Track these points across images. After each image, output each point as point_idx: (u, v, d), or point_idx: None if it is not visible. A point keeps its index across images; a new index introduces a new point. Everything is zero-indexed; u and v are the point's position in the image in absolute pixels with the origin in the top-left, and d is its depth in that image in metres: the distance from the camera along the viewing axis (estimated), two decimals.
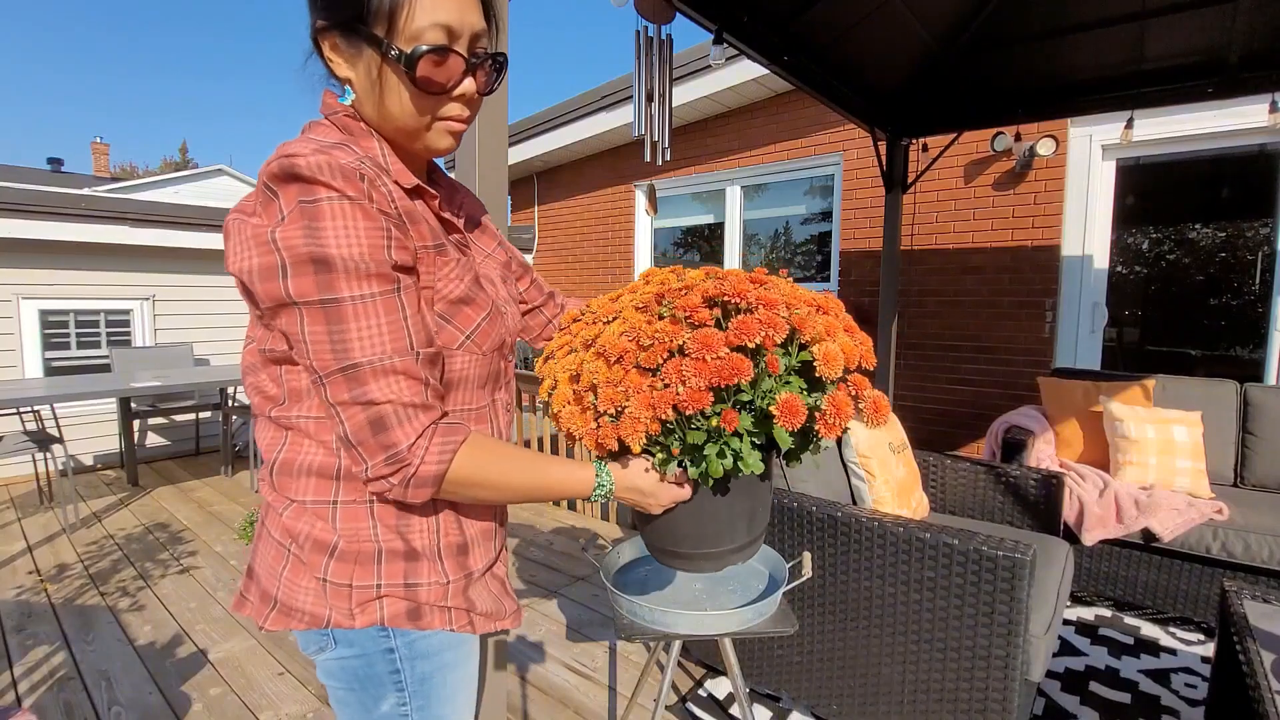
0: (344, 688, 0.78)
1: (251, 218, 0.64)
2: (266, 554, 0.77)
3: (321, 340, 0.63)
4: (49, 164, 21.63)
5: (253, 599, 0.78)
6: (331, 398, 0.65)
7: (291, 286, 0.62)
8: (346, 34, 0.68)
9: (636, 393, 0.71)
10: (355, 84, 0.71)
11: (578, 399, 0.77)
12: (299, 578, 0.74)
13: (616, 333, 0.76)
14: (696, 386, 0.69)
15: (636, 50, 2.24)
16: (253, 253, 0.63)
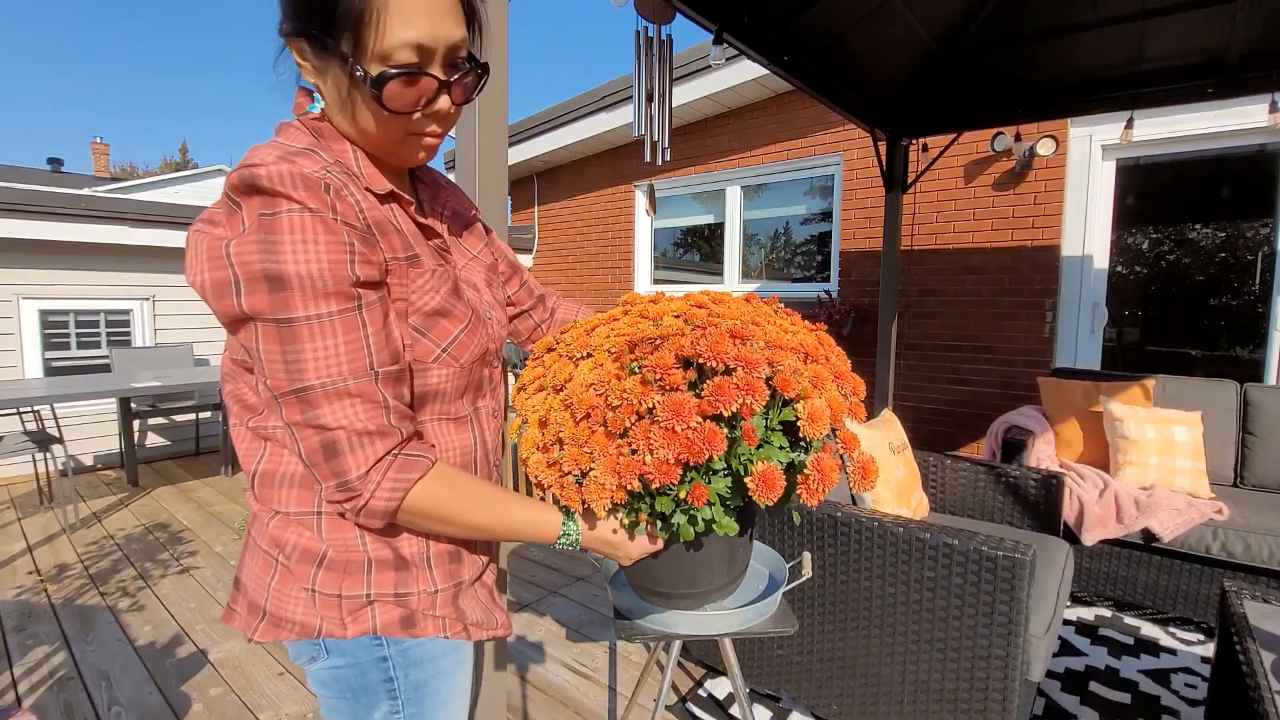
0: (336, 697, 0.77)
1: (215, 228, 0.62)
2: (254, 564, 0.75)
3: (275, 360, 0.61)
4: (49, 164, 21.63)
5: (240, 610, 0.76)
6: (285, 418, 0.63)
7: (245, 304, 0.59)
8: (314, 44, 0.65)
9: (603, 455, 0.67)
10: (324, 93, 0.68)
11: (545, 449, 0.73)
12: (288, 587, 0.72)
13: (585, 382, 0.71)
14: (664, 459, 0.64)
15: (636, 50, 2.24)
16: (206, 267, 0.60)
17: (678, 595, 0.91)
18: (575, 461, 0.69)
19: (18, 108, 76.21)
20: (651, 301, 0.83)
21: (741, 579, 1.00)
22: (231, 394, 0.74)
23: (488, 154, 1.29)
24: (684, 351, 0.68)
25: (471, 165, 1.28)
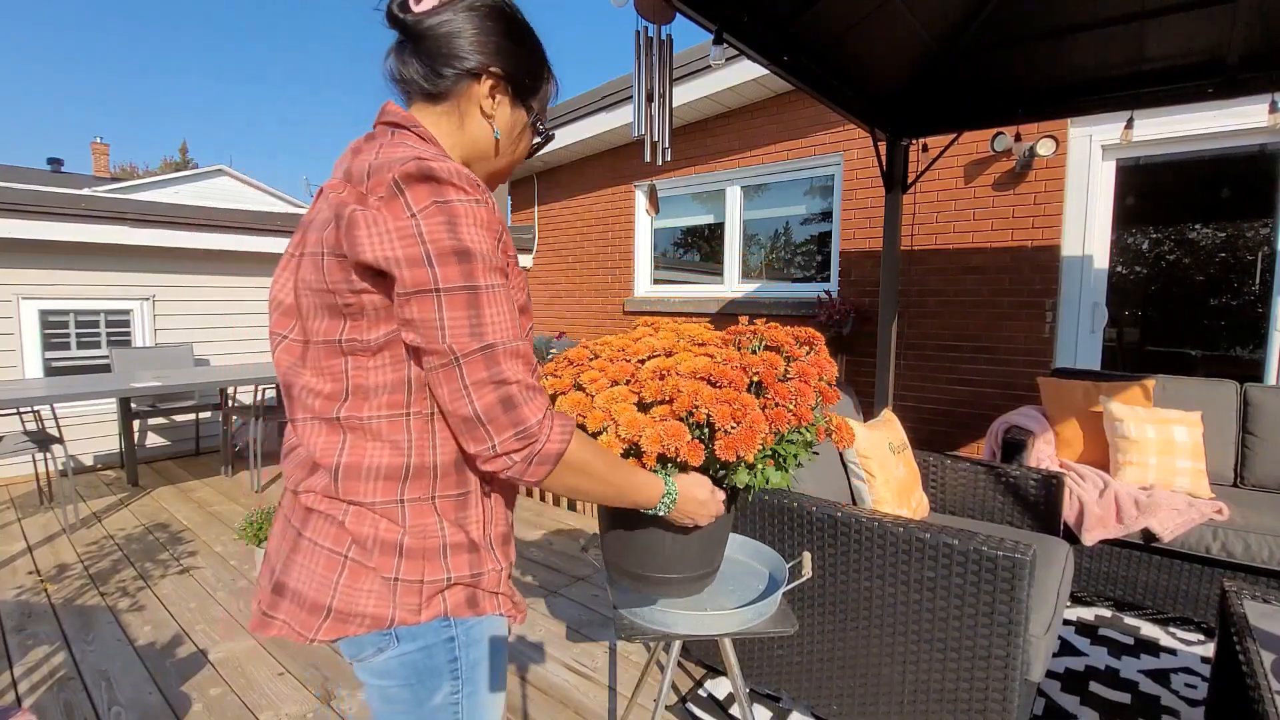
0: (399, 684, 0.79)
1: (375, 210, 0.68)
2: (313, 566, 0.76)
3: (461, 323, 0.68)
4: (49, 164, 21.63)
5: (285, 617, 0.76)
6: (468, 377, 0.69)
7: (439, 274, 0.67)
8: (515, 94, 0.84)
9: (752, 410, 0.85)
10: (498, 123, 0.85)
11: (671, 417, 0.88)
12: (359, 582, 0.74)
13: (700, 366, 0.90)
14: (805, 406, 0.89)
15: (636, 50, 2.24)
16: (396, 243, 0.67)
17: (653, 579, 1.03)
18: (728, 417, 0.84)
19: (18, 108, 76.22)
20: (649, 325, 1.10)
21: (711, 579, 1.11)
22: (305, 388, 0.76)
23: None
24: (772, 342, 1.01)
25: None
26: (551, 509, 3.80)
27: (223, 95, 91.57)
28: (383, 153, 0.71)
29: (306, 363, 0.76)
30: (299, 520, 0.78)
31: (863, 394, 4.15)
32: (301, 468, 0.78)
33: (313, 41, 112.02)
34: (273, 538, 0.83)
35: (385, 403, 0.74)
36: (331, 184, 0.75)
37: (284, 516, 0.81)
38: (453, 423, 0.72)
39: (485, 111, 0.83)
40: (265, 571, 0.81)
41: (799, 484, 1.95)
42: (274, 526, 0.84)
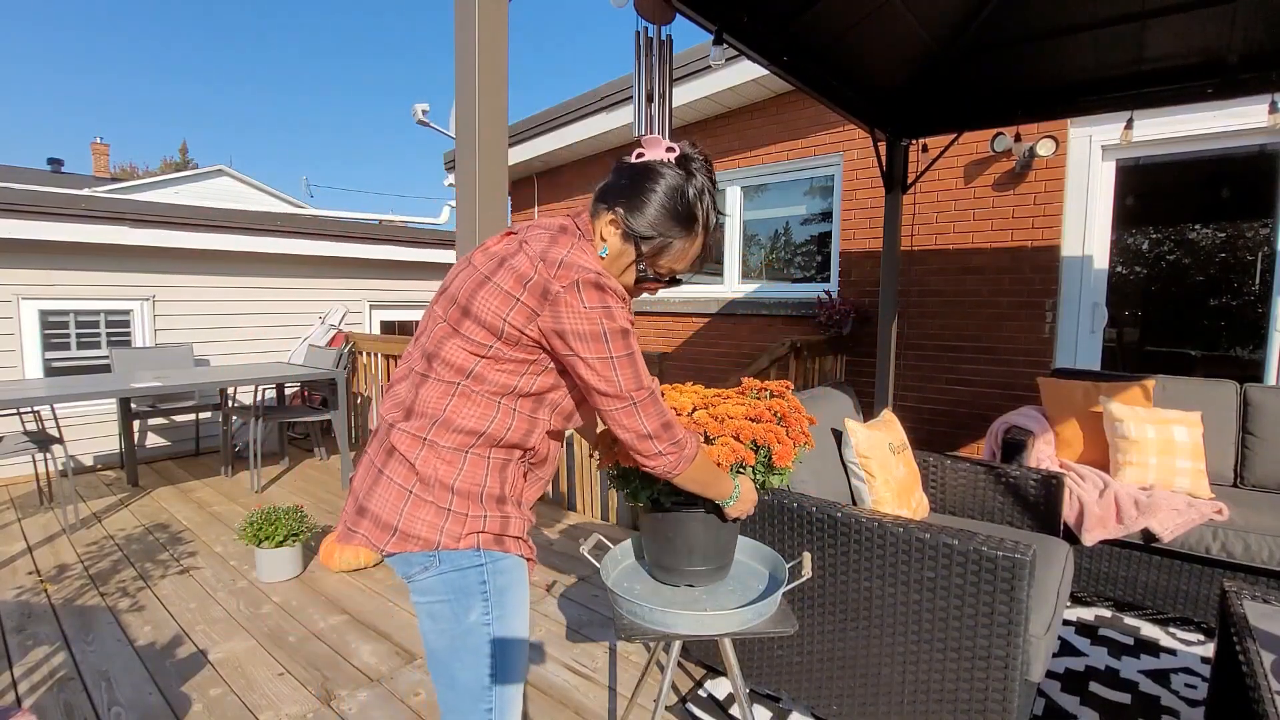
0: (440, 599, 1.04)
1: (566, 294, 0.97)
2: (387, 495, 1.02)
3: (630, 376, 1.00)
4: (49, 164, 21.59)
5: (365, 531, 1.02)
6: (642, 411, 1.02)
7: (613, 348, 0.99)
8: (627, 231, 1.07)
9: (784, 436, 1.27)
10: (609, 244, 1.09)
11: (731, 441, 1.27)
12: (419, 511, 1.00)
13: (744, 411, 1.30)
14: (808, 431, 1.34)
15: (636, 51, 2.24)
16: (583, 322, 0.97)
17: (684, 570, 1.30)
18: (772, 442, 1.24)
19: (18, 108, 76.06)
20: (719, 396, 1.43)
21: (724, 573, 1.34)
22: (443, 359, 1.02)
23: (488, 154, 1.29)
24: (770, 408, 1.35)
25: (472, 165, 1.28)
26: (551, 509, 3.80)
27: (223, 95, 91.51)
28: (573, 253, 1.00)
29: (448, 343, 1.02)
30: (381, 460, 1.04)
31: (863, 394, 4.15)
32: (400, 409, 1.04)
33: (313, 41, 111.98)
34: (358, 474, 1.08)
35: (490, 390, 1.02)
36: (532, 252, 1.00)
37: (369, 457, 1.07)
38: (629, 438, 1.04)
39: (603, 236, 1.10)
40: (351, 498, 1.07)
41: (799, 484, 1.95)
42: (359, 467, 1.09)
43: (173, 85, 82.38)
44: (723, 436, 1.22)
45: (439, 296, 1.08)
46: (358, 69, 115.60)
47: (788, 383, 1.41)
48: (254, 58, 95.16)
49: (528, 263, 0.99)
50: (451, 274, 1.09)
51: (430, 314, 1.08)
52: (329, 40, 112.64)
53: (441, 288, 1.09)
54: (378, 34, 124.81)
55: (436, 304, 1.07)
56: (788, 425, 1.28)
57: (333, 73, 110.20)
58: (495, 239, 1.09)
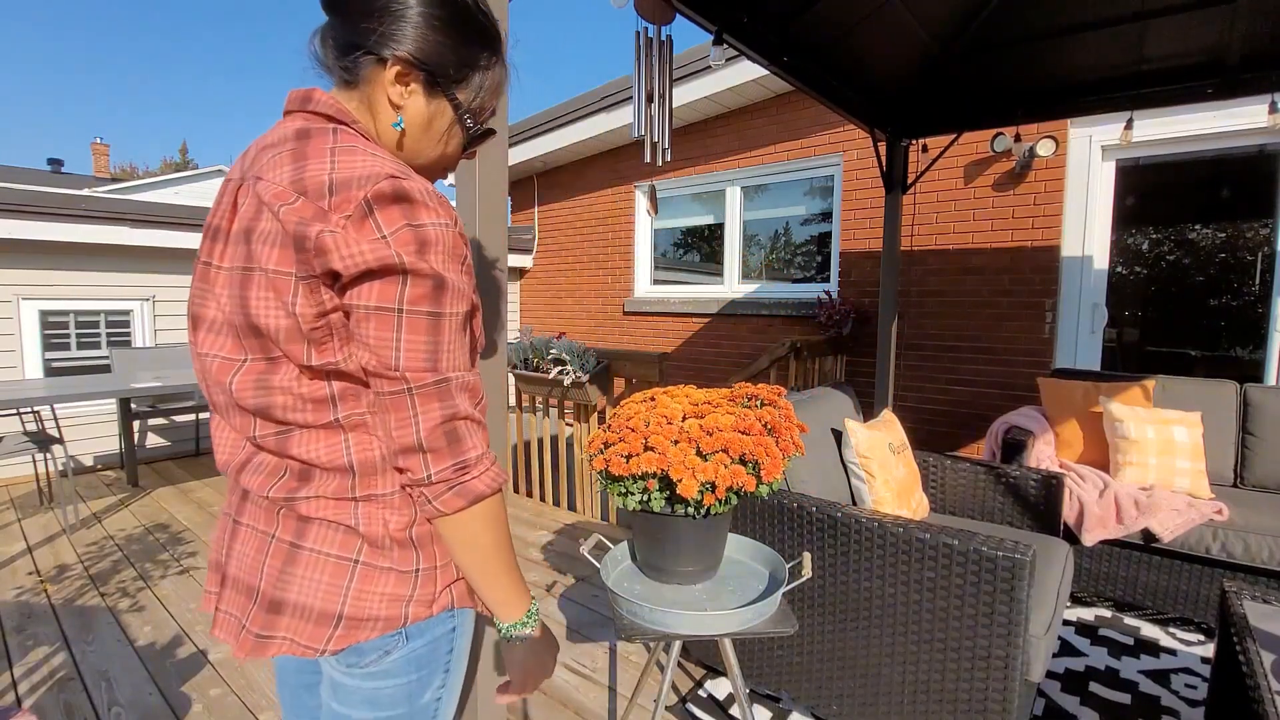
0: (397, 683, 0.77)
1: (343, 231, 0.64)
2: (317, 576, 0.73)
3: (417, 348, 0.67)
4: (49, 164, 21.61)
5: (288, 633, 0.73)
6: (419, 405, 0.68)
7: (407, 295, 0.66)
8: (427, 82, 0.75)
9: (773, 447, 1.25)
10: (408, 116, 0.76)
11: (725, 457, 1.24)
12: (370, 585, 0.73)
13: (733, 423, 1.27)
14: (798, 438, 1.35)
15: (636, 51, 2.24)
16: (371, 260, 0.64)
17: (671, 570, 1.31)
18: (761, 456, 1.23)
19: (18, 108, 76.15)
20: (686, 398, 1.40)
21: (713, 572, 1.35)
22: (285, 405, 0.71)
23: (487, 154, 1.28)
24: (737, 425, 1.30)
25: (471, 166, 1.28)
26: (551, 509, 3.80)
27: (223, 95, 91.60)
28: (340, 162, 0.66)
29: (277, 381, 0.70)
30: (291, 532, 0.74)
31: (863, 394, 4.14)
32: (290, 477, 0.73)
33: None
34: (238, 556, 0.77)
35: (366, 401, 0.73)
36: (274, 192, 0.66)
37: (255, 532, 0.76)
38: (396, 441, 0.70)
39: (394, 102, 0.75)
40: (241, 594, 0.76)
41: (799, 484, 1.95)
42: (232, 545, 0.78)
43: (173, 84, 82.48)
44: (716, 454, 1.21)
45: (200, 332, 0.74)
46: None
47: (779, 389, 1.41)
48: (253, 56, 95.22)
49: (282, 213, 0.65)
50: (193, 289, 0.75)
51: (208, 361, 0.73)
52: None
53: (192, 320, 0.75)
54: None
55: (205, 343, 0.73)
56: (777, 435, 1.27)
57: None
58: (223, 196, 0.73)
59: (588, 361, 3.50)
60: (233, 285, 0.69)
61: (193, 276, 0.76)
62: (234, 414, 0.74)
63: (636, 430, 1.27)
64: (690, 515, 1.22)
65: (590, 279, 6.52)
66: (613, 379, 3.60)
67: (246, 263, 0.68)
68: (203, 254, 0.74)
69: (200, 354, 0.74)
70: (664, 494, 1.21)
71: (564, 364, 3.49)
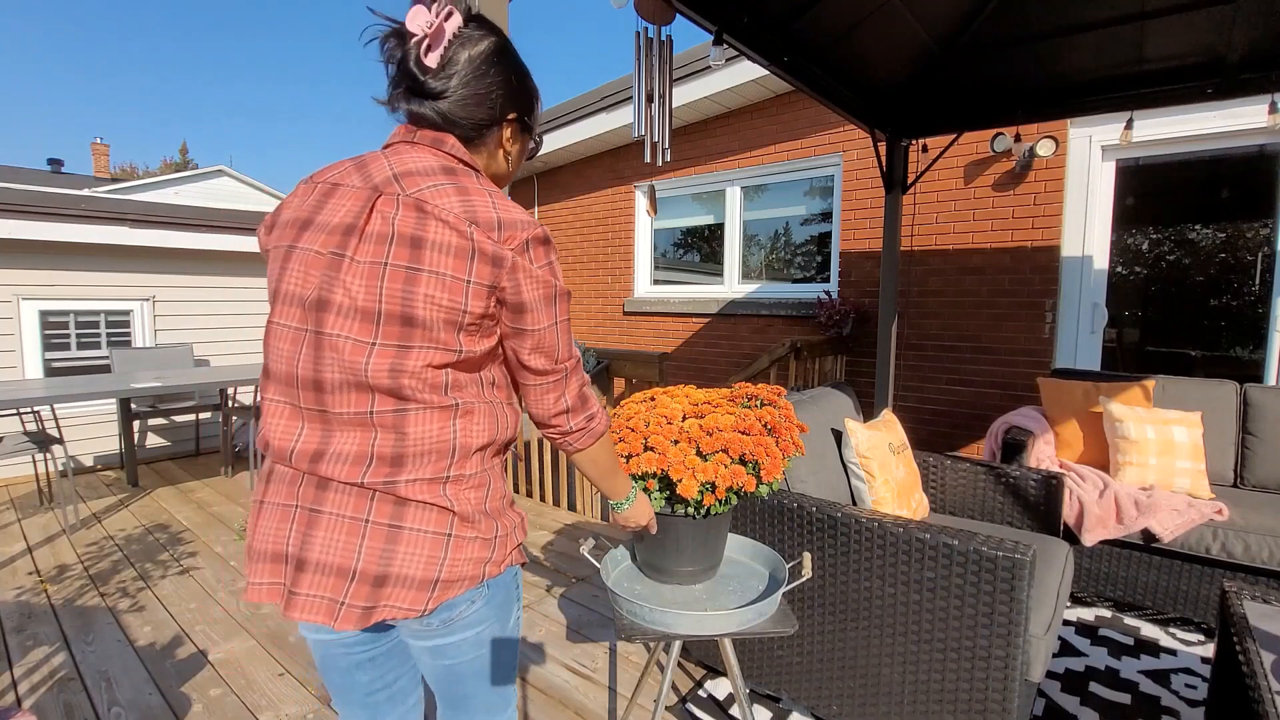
0: (486, 625, 0.96)
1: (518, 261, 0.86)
2: (418, 550, 0.86)
3: (566, 345, 0.95)
4: (49, 164, 21.59)
5: (393, 601, 0.85)
6: (568, 382, 0.96)
7: (559, 311, 0.92)
8: (524, 128, 1.01)
9: (773, 448, 1.27)
10: (513, 156, 1.01)
11: (725, 457, 1.26)
12: (462, 552, 0.89)
13: (733, 423, 1.27)
14: (798, 438, 1.38)
15: (636, 51, 2.24)
16: (539, 289, 0.89)
17: (672, 570, 1.32)
18: (761, 457, 1.24)
19: (18, 108, 76.16)
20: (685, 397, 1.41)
21: (712, 573, 1.35)
22: (412, 387, 0.85)
23: None
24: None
25: None
26: (551, 509, 3.79)
27: (223, 95, 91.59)
28: (498, 205, 0.86)
29: (409, 365, 0.84)
30: (388, 515, 0.85)
31: (863, 394, 4.15)
32: (381, 464, 0.84)
33: (311, 40, 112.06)
34: (323, 542, 0.85)
35: (479, 395, 0.91)
36: (453, 216, 0.83)
37: (343, 519, 0.85)
38: (545, 413, 0.96)
39: (506, 150, 0.99)
40: (329, 575, 0.84)
41: (799, 484, 1.95)
42: (311, 533, 0.85)
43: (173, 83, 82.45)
44: (716, 454, 1.22)
45: (328, 314, 0.84)
46: (358, 69, 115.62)
47: (779, 389, 1.41)
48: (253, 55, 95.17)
49: (459, 235, 0.82)
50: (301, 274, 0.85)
51: (337, 340, 0.83)
52: (328, 40, 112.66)
53: (315, 302, 0.84)
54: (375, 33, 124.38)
55: (334, 325, 0.83)
56: (777, 435, 1.27)
57: (333, 71, 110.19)
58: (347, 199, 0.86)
59: (587, 361, 3.49)
60: (384, 279, 0.82)
61: (289, 261, 0.87)
62: (346, 391, 0.84)
63: (637, 430, 1.27)
64: (690, 515, 1.22)
65: (590, 279, 6.52)
66: (613, 379, 3.60)
67: (412, 263, 0.82)
68: (324, 245, 0.84)
69: (326, 333, 0.83)
70: (664, 494, 1.21)
71: None
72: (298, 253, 0.85)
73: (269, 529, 0.88)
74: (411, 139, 0.91)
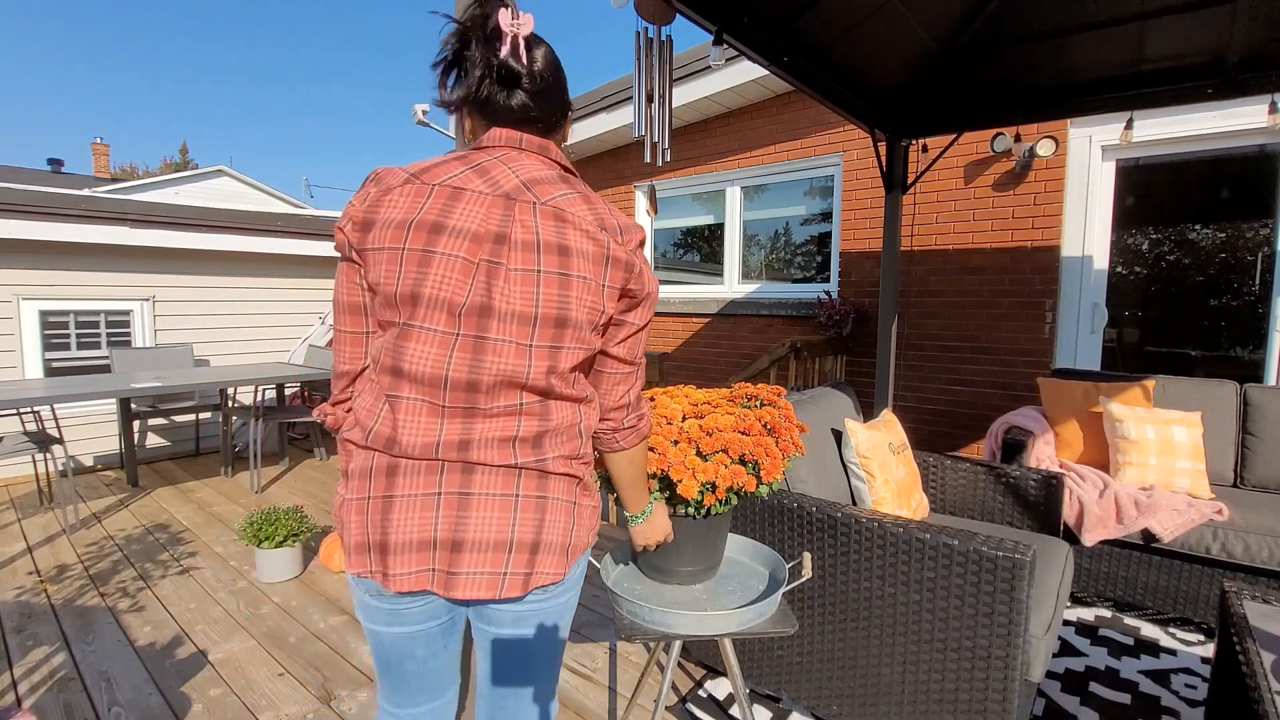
0: (575, 590, 1.05)
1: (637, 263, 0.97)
2: (559, 520, 0.96)
3: (644, 343, 1.04)
4: (49, 164, 21.57)
5: (544, 568, 0.95)
6: (640, 376, 1.05)
7: (651, 311, 1.03)
8: (568, 114, 1.06)
9: (773, 447, 1.28)
10: (562, 148, 1.05)
11: (725, 457, 1.27)
12: (584, 519, 1.00)
13: (733, 423, 1.28)
14: (798, 437, 1.37)
15: (636, 51, 2.24)
16: (651, 284, 1.00)
17: (672, 571, 1.31)
18: (760, 457, 1.25)
19: (18, 108, 76.09)
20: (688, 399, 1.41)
21: (713, 573, 1.35)
22: (558, 380, 0.94)
23: None
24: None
25: None
26: None
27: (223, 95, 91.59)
28: (614, 211, 0.97)
29: (558, 364, 0.92)
30: (533, 488, 0.94)
31: (863, 394, 4.15)
32: (526, 446, 0.93)
33: (312, 39, 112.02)
34: (477, 522, 0.91)
35: (585, 385, 1.01)
36: (589, 225, 0.92)
37: (493, 498, 0.91)
38: (615, 402, 1.03)
39: (560, 145, 1.04)
40: (487, 551, 0.91)
41: (799, 484, 1.95)
42: (464, 516, 0.90)
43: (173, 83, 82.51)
44: (716, 454, 1.22)
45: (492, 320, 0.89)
46: (358, 67, 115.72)
47: (779, 389, 1.41)
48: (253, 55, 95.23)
49: (594, 243, 0.92)
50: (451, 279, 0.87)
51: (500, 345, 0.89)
52: (328, 39, 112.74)
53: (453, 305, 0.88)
54: (378, 32, 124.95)
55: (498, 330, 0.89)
56: (777, 435, 1.28)
57: (333, 72, 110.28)
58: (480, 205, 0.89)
59: None
60: (539, 284, 0.89)
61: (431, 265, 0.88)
62: (501, 390, 0.91)
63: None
64: (690, 515, 1.23)
65: None
66: None
67: (562, 269, 0.90)
68: (472, 253, 0.88)
69: (490, 339, 0.89)
70: (664, 494, 1.21)
71: None
72: (440, 258, 0.87)
73: (409, 520, 0.90)
74: (518, 144, 0.95)
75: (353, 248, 0.92)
